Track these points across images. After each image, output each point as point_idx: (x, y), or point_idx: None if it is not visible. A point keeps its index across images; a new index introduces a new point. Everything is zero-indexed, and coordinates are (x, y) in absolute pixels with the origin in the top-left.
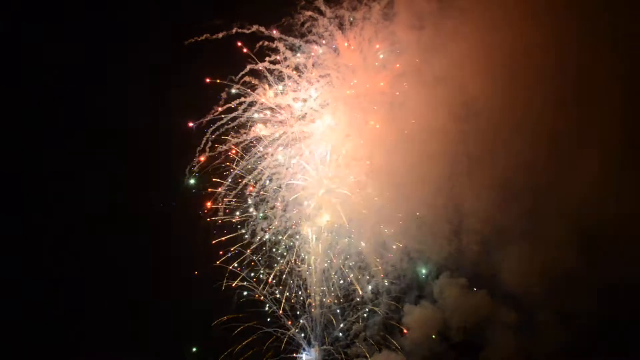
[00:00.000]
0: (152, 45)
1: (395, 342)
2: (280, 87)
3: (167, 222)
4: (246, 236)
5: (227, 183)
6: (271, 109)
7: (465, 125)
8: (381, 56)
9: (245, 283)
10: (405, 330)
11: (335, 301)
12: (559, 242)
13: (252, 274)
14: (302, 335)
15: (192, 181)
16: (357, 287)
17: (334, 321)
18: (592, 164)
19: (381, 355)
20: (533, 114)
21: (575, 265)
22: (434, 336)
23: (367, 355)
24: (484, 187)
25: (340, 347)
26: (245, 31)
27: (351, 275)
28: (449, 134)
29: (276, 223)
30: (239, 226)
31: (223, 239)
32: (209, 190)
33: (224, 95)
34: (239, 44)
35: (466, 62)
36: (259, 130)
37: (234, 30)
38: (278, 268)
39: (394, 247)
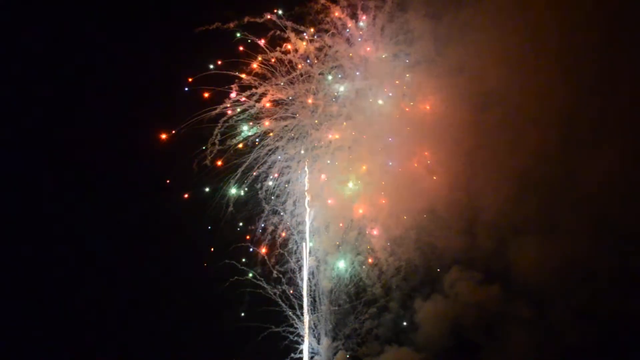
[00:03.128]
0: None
1: (406, 338)
2: (291, 78)
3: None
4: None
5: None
6: (281, 101)
7: (481, 116)
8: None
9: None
10: (416, 327)
11: (346, 298)
12: (576, 236)
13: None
14: (313, 333)
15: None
16: (368, 284)
17: (344, 319)
18: (611, 155)
19: (392, 351)
20: (551, 104)
21: (593, 260)
22: (445, 331)
23: (379, 352)
24: (500, 179)
25: (351, 345)
26: (258, 20)
27: (362, 271)
28: (465, 124)
29: (286, 218)
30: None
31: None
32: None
33: (234, 87)
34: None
35: (482, 52)
36: (269, 123)
37: (245, 19)
38: (288, 265)
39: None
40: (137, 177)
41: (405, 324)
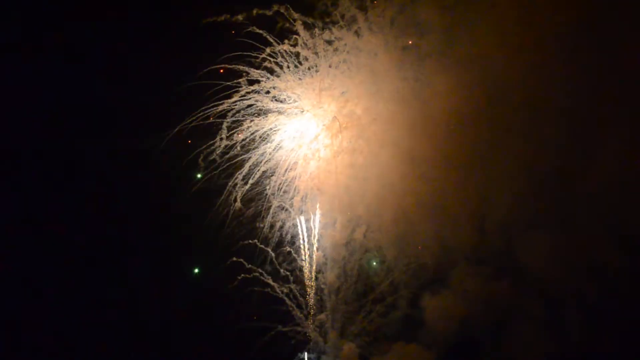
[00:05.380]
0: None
1: (414, 335)
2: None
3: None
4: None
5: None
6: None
7: (491, 109)
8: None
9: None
10: (424, 324)
11: (354, 296)
12: (589, 232)
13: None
14: (320, 332)
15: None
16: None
17: (352, 317)
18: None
19: (400, 348)
20: (561, 95)
21: (607, 257)
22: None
23: (387, 349)
24: (510, 172)
25: (359, 342)
26: (267, 12)
27: (369, 268)
28: (475, 118)
29: (293, 214)
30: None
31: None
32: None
33: (242, 81)
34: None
35: (493, 43)
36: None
37: (254, 12)
38: (295, 263)
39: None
40: (138, 175)
41: (413, 320)
